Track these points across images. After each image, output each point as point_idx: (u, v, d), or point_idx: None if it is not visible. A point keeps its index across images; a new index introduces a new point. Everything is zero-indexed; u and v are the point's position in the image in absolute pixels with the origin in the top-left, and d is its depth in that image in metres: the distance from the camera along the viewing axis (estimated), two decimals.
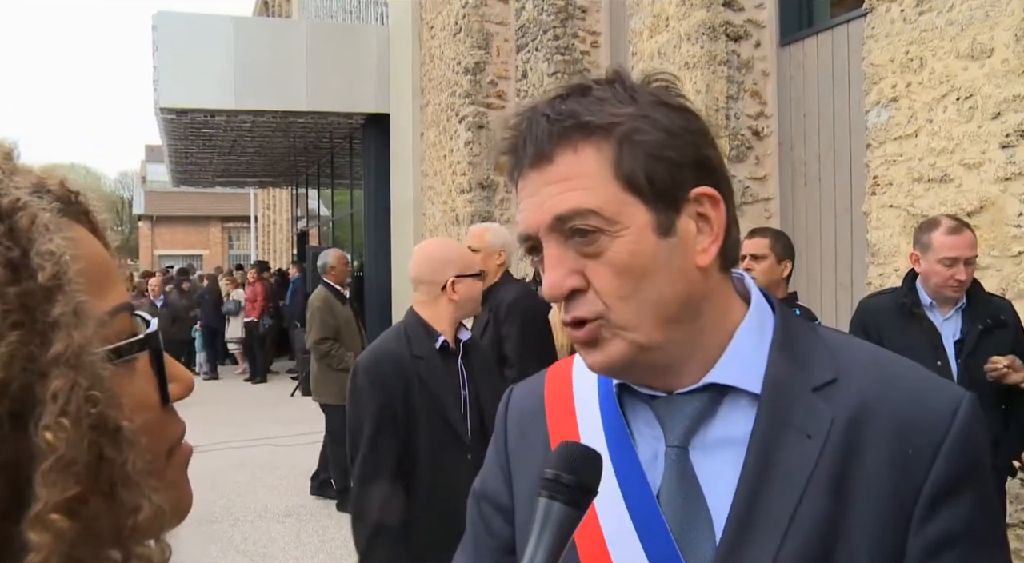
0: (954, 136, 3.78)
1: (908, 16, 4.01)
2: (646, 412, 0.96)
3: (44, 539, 0.46)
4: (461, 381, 2.72)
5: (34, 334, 0.48)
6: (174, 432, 0.63)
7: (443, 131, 11.41)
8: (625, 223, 0.87)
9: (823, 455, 0.86)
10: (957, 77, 3.77)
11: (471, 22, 9.99)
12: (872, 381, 0.90)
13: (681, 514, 0.90)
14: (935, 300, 3.24)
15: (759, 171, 5.55)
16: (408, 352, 2.67)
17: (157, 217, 46.42)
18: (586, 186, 0.87)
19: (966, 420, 0.87)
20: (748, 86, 5.53)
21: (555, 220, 0.88)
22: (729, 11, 5.49)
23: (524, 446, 1.06)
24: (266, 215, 31.55)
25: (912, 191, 3.99)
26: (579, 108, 0.89)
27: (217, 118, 13.82)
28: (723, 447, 0.91)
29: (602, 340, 0.89)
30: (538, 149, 0.89)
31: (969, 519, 0.85)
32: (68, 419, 0.47)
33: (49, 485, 0.47)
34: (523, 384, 1.14)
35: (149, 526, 0.52)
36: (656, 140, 0.88)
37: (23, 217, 0.51)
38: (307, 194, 21.97)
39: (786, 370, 0.91)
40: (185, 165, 19.21)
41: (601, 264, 0.88)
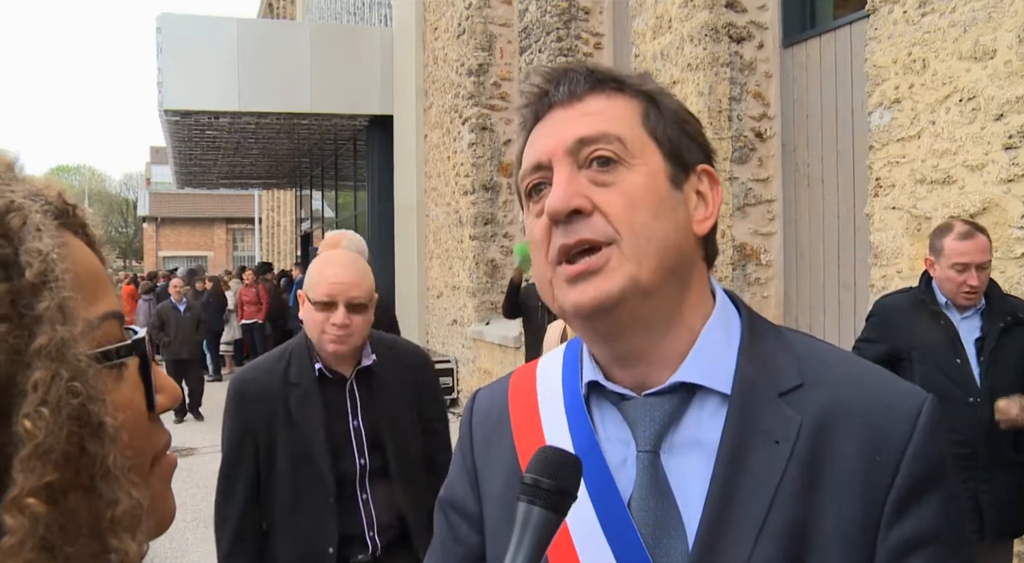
0: (957, 138, 3.77)
1: (911, 17, 4.00)
2: (614, 415, 0.95)
3: (19, 522, 0.47)
4: (350, 411, 2.39)
5: (20, 328, 0.50)
6: (158, 441, 0.64)
7: (447, 133, 11.42)
8: (644, 160, 0.91)
9: (791, 461, 0.86)
10: (960, 78, 3.76)
11: (474, 24, 10.00)
12: (836, 386, 0.91)
13: (653, 519, 0.90)
14: (951, 300, 3.24)
15: (762, 173, 5.54)
16: (283, 377, 2.39)
17: (162, 219, 46.53)
18: (614, 118, 0.93)
19: (928, 424, 0.88)
20: (751, 88, 5.52)
21: (576, 142, 0.91)
22: (732, 12, 5.48)
23: (490, 450, 1.05)
24: (270, 216, 31.61)
25: (915, 193, 3.98)
26: (614, 72, 0.97)
27: (221, 120, 13.86)
28: (693, 450, 0.91)
29: (605, 270, 0.87)
30: (572, 90, 0.94)
31: (934, 522, 0.85)
32: (47, 408, 0.49)
33: (26, 471, 0.48)
34: (487, 388, 1.14)
35: (127, 520, 0.53)
36: (677, 112, 0.96)
37: (15, 218, 0.53)
38: (311, 196, 22.02)
39: (754, 374, 0.91)
40: (189, 167, 19.26)
41: (614, 192, 0.89)
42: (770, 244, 5.55)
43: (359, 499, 2.37)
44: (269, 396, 2.37)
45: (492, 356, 9.55)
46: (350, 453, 2.36)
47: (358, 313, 2.31)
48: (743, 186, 5.46)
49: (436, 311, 12.22)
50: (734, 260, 5.42)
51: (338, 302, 2.28)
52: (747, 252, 5.46)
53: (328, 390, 2.38)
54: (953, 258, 3.16)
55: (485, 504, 1.04)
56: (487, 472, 1.05)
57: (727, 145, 5.43)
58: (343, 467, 2.35)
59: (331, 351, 2.31)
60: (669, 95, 0.97)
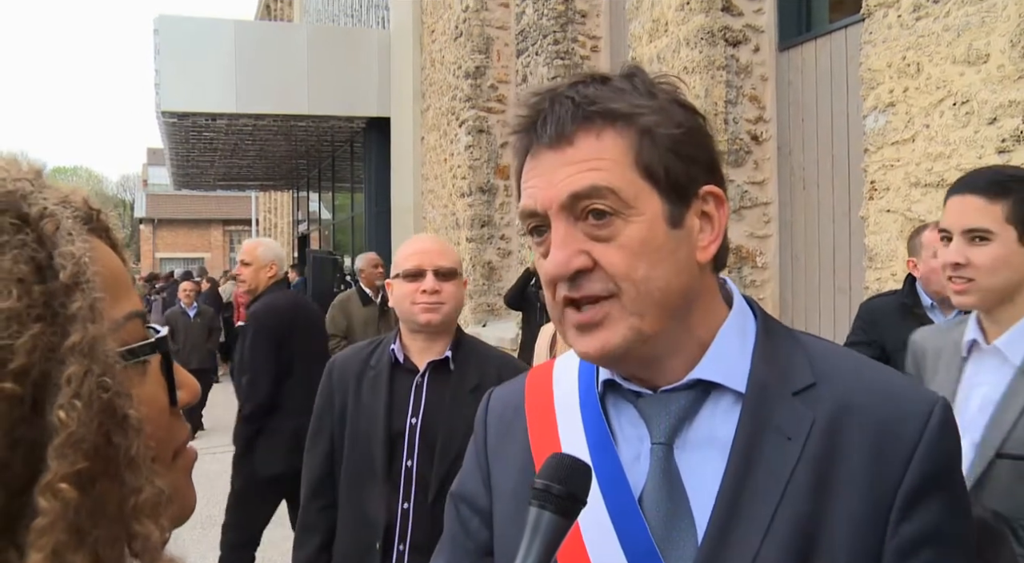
0: (951, 141, 3.80)
1: (905, 22, 4.03)
2: (630, 411, 0.97)
3: (52, 505, 0.51)
4: (411, 406, 2.30)
5: (54, 326, 0.53)
6: (180, 435, 0.67)
7: (444, 135, 11.44)
8: (640, 209, 0.89)
9: (803, 457, 0.88)
10: (954, 82, 3.79)
11: (471, 26, 10.02)
12: (849, 386, 0.92)
13: (665, 512, 0.92)
14: (936, 301, 3.24)
15: (758, 175, 5.57)
16: (366, 359, 2.37)
17: (159, 220, 46.47)
18: (606, 167, 0.89)
19: (939, 425, 0.89)
20: (747, 91, 5.55)
21: (570, 198, 0.89)
22: (728, 16, 5.52)
23: (504, 447, 1.07)
24: (267, 218, 31.59)
25: (909, 196, 4.01)
26: (602, 94, 0.91)
27: (218, 122, 13.86)
28: (706, 446, 0.93)
29: (608, 321, 0.89)
30: (559, 129, 0.90)
31: (941, 520, 0.87)
32: (80, 401, 0.52)
33: (59, 458, 0.51)
34: (503, 387, 1.16)
35: (150, 507, 0.56)
36: (674, 135, 0.91)
37: (48, 223, 0.56)
38: (308, 197, 22.01)
39: (768, 373, 0.93)
40: (186, 168, 19.25)
41: (613, 247, 0.89)
42: (766, 247, 5.58)
43: (399, 506, 2.25)
44: (347, 375, 2.37)
45: None
46: (400, 452, 2.28)
47: (447, 281, 2.30)
48: (739, 189, 5.49)
49: None
50: (730, 263, 5.44)
51: (426, 269, 2.28)
52: (743, 254, 5.49)
53: (398, 379, 2.32)
54: (933, 247, 3.16)
55: (496, 499, 1.06)
56: (499, 468, 1.07)
57: (723, 148, 5.46)
58: (394, 465, 2.27)
59: (424, 321, 2.27)
60: (664, 119, 0.91)
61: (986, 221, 1.78)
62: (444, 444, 2.24)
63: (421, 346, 2.33)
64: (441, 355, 2.32)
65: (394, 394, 2.30)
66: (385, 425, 2.27)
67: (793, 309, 5.51)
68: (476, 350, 2.40)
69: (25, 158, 0.65)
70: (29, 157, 0.66)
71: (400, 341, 2.36)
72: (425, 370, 2.32)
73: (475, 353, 2.38)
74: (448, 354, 2.32)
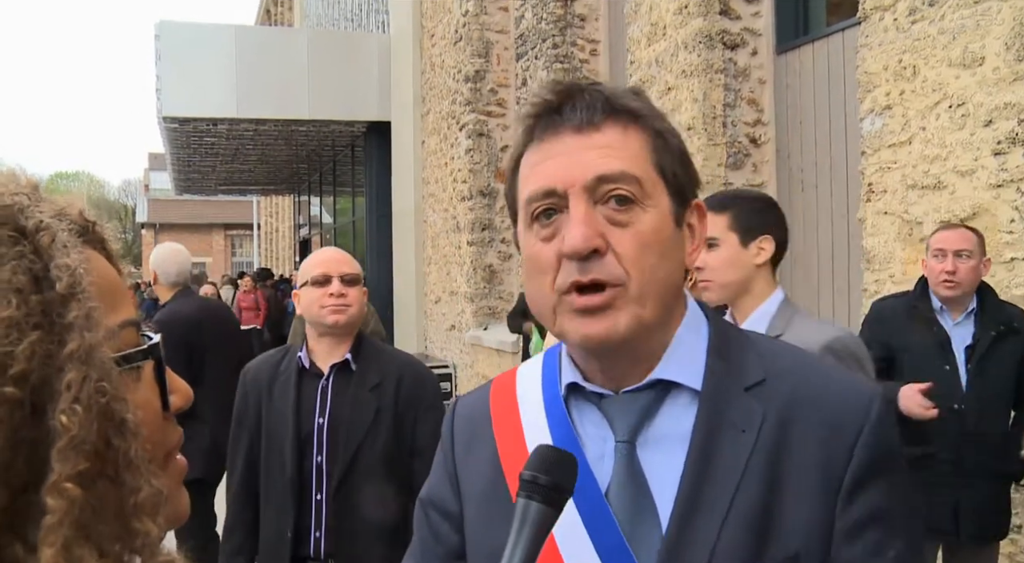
0: (947, 143, 3.82)
1: (901, 25, 4.06)
2: (593, 413, 1.01)
3: (59, 504, 0.54)
4: (318, 406, 2.48)
5: (52, 334, 0.56)
6: (172, 439, 0.69)
7: (444, 139, 11.47)
8: (655, 201, 0.95)
9: (756, 448, 0.93)
10: (949, 85, 3.81)
11: (471, 30, 10.05)
12: (796, 382, 0.98)
13: (630, 506, 0.96)
14: (944, 304, 3.25)
15: (756, 178, 5.59)
16: (275, 366, 2.57)
17: (160, 225, 46.54)
18: (630, 157, 0.95)
19: (878, 416, 0.95)
20: (745, 94, 5.57)
21: (596, 179, 0.93)
22: (726, 19, 5.54)
23: (471, 453, 1.10)
24: (269, 222, 31.64)
25: (906, 198, 4.03)
26: (626, 95, 0.98)
27: (219, 126, 13.90)
28: (666, 442, 0.97)
29: (613, 309, 0.93)
30: (590, 116, 0.95)
31: (884, 502, 0.93)
32: (80, 406, 0.55)
33: (63, 460, 0.54)
34: (468, 395, 1.19)
35: (149, 505, 0.59)
36: (679, 147, 1.00)
37: (44, 236, 0.59)
38: (309, 201, 22.05)
39: (721, 371, 0.99)
40: (188, 173, 19.30)
41: (627, 233, 0.93)
42: None
43: (312, 498, 2.45)
44: (260, 382, 2.55)
45: (490, 361, 9.59)
46: (311, 449, 2.46)
47: (351, 286, 2.46)
48: None
49: (434, 316, 12.26)
50: None
51: (332, 275, 2.45)
52: None
53: (306, 383, 2.50)
54: (933, 246, 3.22)
55: (465, 502, 1.09)
56: (467, 472, 1.10)
57: (721, 151, 5.48)
58: (305, 462, 2.46)
59: (331, 322, 2.43)
60: (672, 129, 1.00)
61: (715, 231, 2.14)
62: (347, 437, 2.44)
63: (326, 350, 2.51)
64: (343, 358, 2.50)
65: (302, 397, 2.49)
66: (294, 426, 2.46)
67: None
68: (377, 351, 2.59)
69: (23, 172, 0.67)
70: (27, 171, 0.68)
71: (306, 347, 2.54)
72: (330, 373, 2.50)
73: (376, 354, 2.57)
74: (349, 356, 2.50)
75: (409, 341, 12.47)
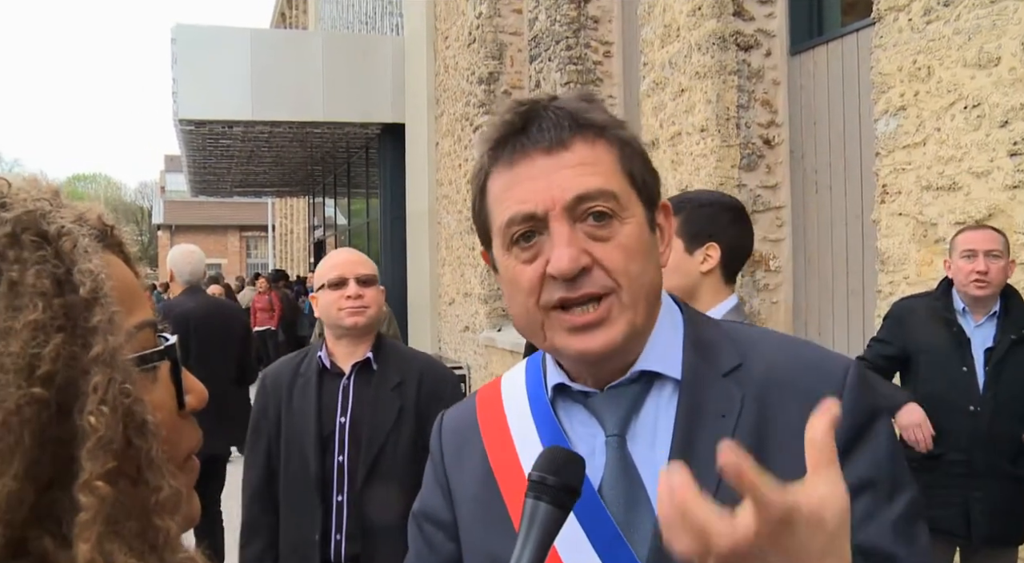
0: (962, 144, 3.80)
1: (916, 25, 4.04)
2: (580, 412, 1.03)
3: (91, 501, 0.56)
4: (339, 406, 2.47)
5: (76, 337, 0.58)
6: (191, 440, 0.71)
7: (458, 141, 11.49)
8: (632, 211, 0.97)
9: (736, 431, 0.95)
10: (965, 86, 3.79)
11: (485, 32, 10.07)
12: (770, 361, 1.00)
13: (623, 498, 0.97)
14: (967, 305, 3.23)
15: (770, 180, 5.57)
16: (295, 368, 2.55)
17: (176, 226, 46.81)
18: (604, 172, 0.96)
19: (855, 381, 0.97)
20: (759, 95, 5.56)
21: (575, 199, 0.94)
22: (739, 21, 5.53)
23: (461, 462, 1.12)
24: (283, 224, 31.77)
25: (921, 199, 4.01)
26: (587, 108, 0.99)
27: (235, 129, 13.97)
28: (653, 433, 0.99)
29: (610, 319, 0.95)
30: (558, 135, 0.96)
31: (871, 467, 0.93)
32: (107, 407, 0.57)
33: (92, 459, 0.56)
34: (453, 408, 1.21)
35: (169, 503, 0.61)
36: (642, 152, 1.01)
37: (67, 241, 0.60)
38: (324, 203, 22.13)
39: (698, 360, 1.01)
40: (203, 175, 19.40)
41: (611, 246, 0.95)
42: (779, 250, 5.58)
43: (333, 500, 2.43)
44: (279, 384, 2.53)
45: (503, 362, 9.60)
46: (332, 449, 2.45)
47: (367, 287, 2.46)
48: (751, 193, 5.50)
49: (448, 318, 12.28)
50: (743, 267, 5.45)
51: (348, 277, 2.44)
52: (756, 258, 5.49)
53: (326, 383, 2.49)
54: (961, 246, 3.19)
55: (458, 508, 1.10)
56: (458, 479, 1.11)
57: (735, 152, 5.47)
58: (327, 462, 2.44)
59: (350, 324, 2.43)
60: (632, 136, 1.01)
61: None
62: (370, 437, 2.43)
63: (345, 351, 2.51)
64: (364, 357, 2.50)
65: (323, 397, 2.48)
66: (316, 426, 2.45)
67: (807, 312, 5.51)
68: (397, 351, 2.60)
69: (44, 177, 0.69)
70: (47, 176, 0.70)
71: (326, 348, 2.53)
72: (351, 372, 2.50)
73: (396, 354, 2.57)
74: (370, 355, 2.50)
75: (423, 342, 12.49)
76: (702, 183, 5.58)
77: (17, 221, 0.59)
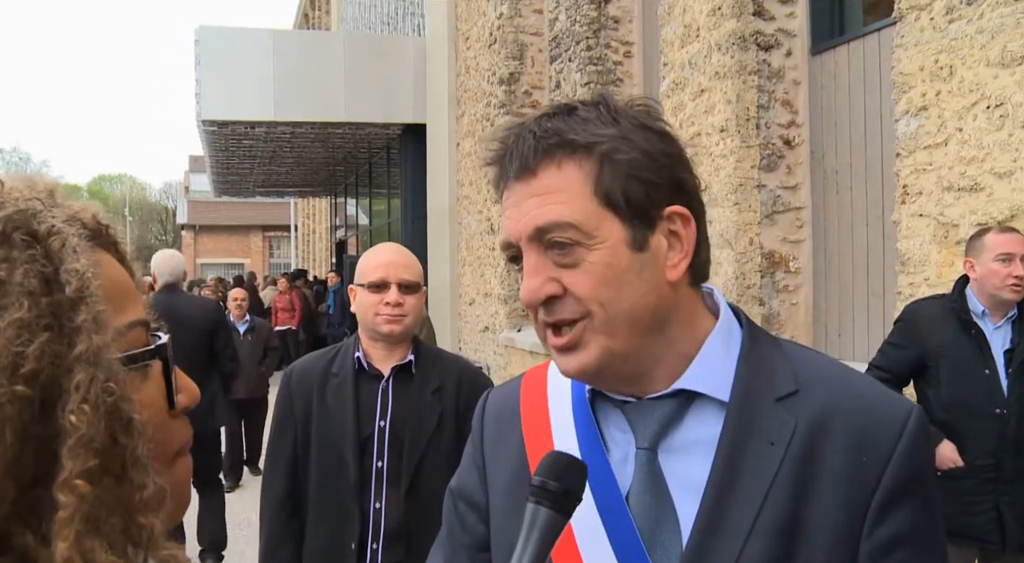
0: (984, 145, 3.75)
1: (938, 24, 3.99)
2: (618, 416, 1.01)
3: (70, 499, 0.56)
4: (379, 409, 2.37)
5: (61, 336, 0.58)
6: (181, 437, 0.71)
7: (478, 141, 11.49)
8: (602, 237, 0.93)
9: (785, 461, 0.92)
10: (987, 85, 3.75)
11: (505, 33, 10.07)
12: (830, 393, 0.96)
13: (650, 514, 0.95)
14: (988, 307, 3.19)
15: (790, 180, 5.53)
16: (326, 367, 2.43)
17: (200, 226, 47.20)
18: (566, 200, 0.93)
19: (915, 432, 0.93)
20: (779, 95, 5.52)
21: (535, 231, 0.94)
22: (760, 20, 5.49)
23: (499, 446, 1.11)
24: (306, 224, 31.96)
25: (942, 200, 3.96)
26: (564, 126, 0.95)
27: (257, 129, 14.06)
28: (690, 451, 0.96)
29: (582, 344, 0.94)
30: (523, 163, 0.95)
31: (914, 523, 0.91)
32: (88, 405, 0.57)
33: (73, 457, 0.57)
34: (500, 387, 1.20)
35: (153, 502, 0.61)
36: (634, 160, 0.94)
37: (55, 241, 0.61)
38: (346, 203, 22.23)
39: (752, 381, 0.96)
40: (226, 175, 19.55)
41: (579, 273, 0.93)
42: (799, 251, 5.54)
43: (371, 506, 2.33)
44: (309, 382, 2.42)
45: (523, 362, 9.60)
46: (371, 453, 2.35)
47: (410, 294, 2.36)
48: (771, 194, 5.46)
49: (468, 318, 12.30)
50: (763, 268, 5.42)
51: (390, 282, 2.34)
52: (775, 259, 5.45)
53: (364, 385, 2.39)
54: (997, 250, 3.12)
55: (491, 495, 1.10)
56: (495, 465, 1.11)
57: (755, 153, 5.44)
58: (364, 467, 2.34)
59: (386, 331, 2.35)
60: (622, 145, 0.94)
61: None
62: (411, 443, 2.34)
63: (382, 353, 2.42)
64: (403, 360, 2.42)
65: (361, 399, 2.38)
66: (354, 429, 2.34)
67: (827, 314, 5.47)
68: (436, 356, 2.53)
69: (41, 177, 0.70)
70: (46, 176, 0.71)
71: (362, 348, 2.43)
72: (389, 375, 2.40)
73: (435, 359, 2.50)
74: (411, 358, 2.42)
75: (443, 342, 12.51)
76: (722, 184, 5.56)
77: (8, 220, 0.60)
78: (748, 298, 5.41)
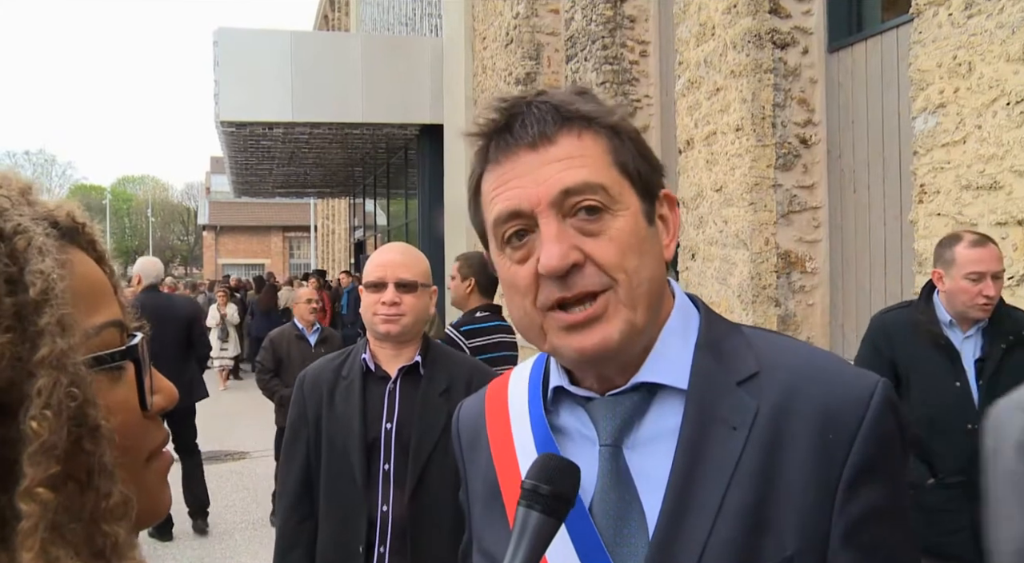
0: (1004, 142, 3.70)
1: (956, 20, 3.94)
2: (581, 414, 0.99)
3: (32, 508, 0.55)
4: (386, 411, 2.35)
5: (24, 339, 0.56)
6: (155, 439, 0.69)
7: None
8: (625, 204, 0.93)
9: (748, 445, 0.90)
10: (1007, 81, 3.69)
11: (522, 33, 10.06)
12: (793, 372, 0.94)
13: (615, 511, 0.93)
14: (956, 318, 3.03)
15: (807, 179, 5.48)
16: (337, 369, 2.43)
17: (221, 227, 47.54)
18: (592, 164, 0.92)
19: (880, 405, 0.90)
20: (795, 94, 5.47)
21: (561, 194, 0.91)
22: (776, 18, 5.44)
23: (474, 455, 1.11)
24: (325, 224, 32.09)
25: (960, 199, 3.91)
26: (575, 100, 0.95)
27: (275, 130, 14.12)
28: (654, 444, 0.94)
29: (605, 317, 0.91)
30: (542, 130, 0.93)
31: (884, 497, 0.89)
32: (51, 411, 0.56)
33: (34, 465, 0.55)
34: (469, 399, 1.19)
35: (119, 510, 0.59)
36: (638, 140, 0.97)
37: (20, 240, 0.59)
38: (364, 203, 22.30)
39: (711, 366, 0.95)
40: (246, 176, 19.66)
41: (603, 240, 0.91)
42: (815, 251, 5.48)
43: (379, 508, 2.31)
44: (320, 385, 2.41)
45: None
46: (378, 456, 2.33)
47: (407, 293, 2.34)
48: (788, 193, 5.41)
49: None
50: (778, 268, 5.37)
51: (387, 281, 2.33)
52: (791, 260, 5.40)
53: (371, 387, 2.38)
54: (967, 267, 2.94)
55: (471, 499, 1.10)
56: (471, 473, 1.11)
57: (771, 152, 5.39)
58: (372, 470, 2.32)
59: (383, 331, 2.33)
60: (626, 124, 0.97)
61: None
62: (417, 445, 2.31)
63: (390, 354, 2.40)
64: (411, 361, 2.39)
65: (368, 401, 2.36)
66: (361, 432, 2.32)
67: (843, 314, 5.41)
68: (445, 356, 2.48)
69: (16, 175, 0.68)
70: (20, 175, 0.69)
71: (369, 350, 2.41)
72: (396, 376, 2.38)
73: (444, 359, 2.46)
74: (418, 359, 2.39)
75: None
76: (737, 183, 5.51)
77: None
78: (764, 299, 5.36)
